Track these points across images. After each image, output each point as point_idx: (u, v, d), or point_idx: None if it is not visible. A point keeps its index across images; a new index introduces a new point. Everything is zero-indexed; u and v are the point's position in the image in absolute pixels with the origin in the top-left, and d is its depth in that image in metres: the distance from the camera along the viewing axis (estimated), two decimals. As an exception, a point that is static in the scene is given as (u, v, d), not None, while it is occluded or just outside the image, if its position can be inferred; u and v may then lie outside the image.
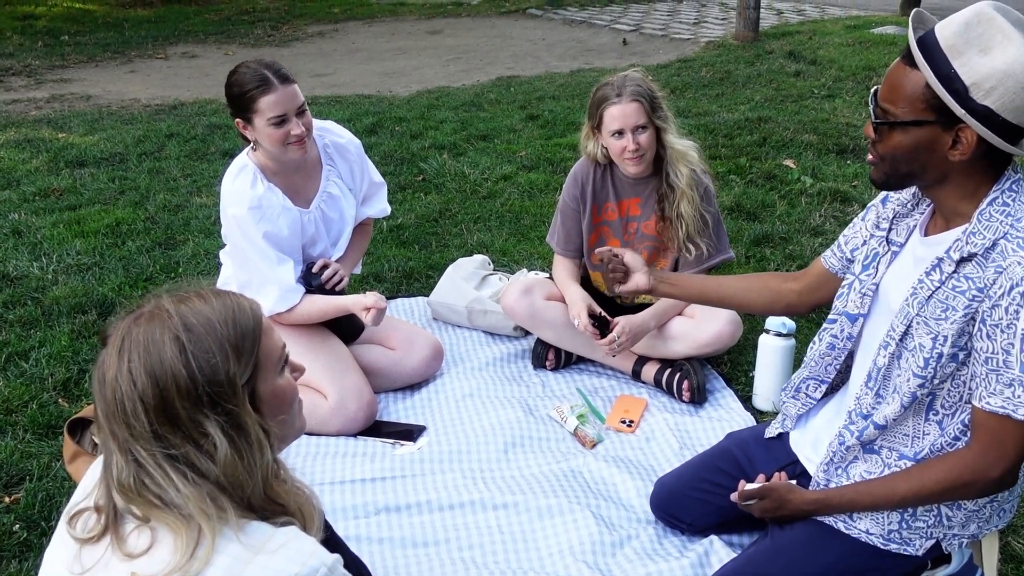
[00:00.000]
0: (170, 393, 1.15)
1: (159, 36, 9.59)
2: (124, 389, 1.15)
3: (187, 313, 1.19)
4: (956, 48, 1.47)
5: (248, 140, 2.58)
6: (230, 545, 1.14)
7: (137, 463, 1.16)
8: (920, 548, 1.72)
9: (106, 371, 1.17)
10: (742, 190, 4.38)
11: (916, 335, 1.63)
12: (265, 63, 2.50)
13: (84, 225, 4.10)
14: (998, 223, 1.53)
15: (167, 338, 1.16)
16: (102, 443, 1.21)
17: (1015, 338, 1.49)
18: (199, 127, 5.71)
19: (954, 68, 1.46)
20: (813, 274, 2.01)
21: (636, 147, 2.66)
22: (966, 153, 1.51)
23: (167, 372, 1.15)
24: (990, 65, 1.45)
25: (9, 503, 2.31)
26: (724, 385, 2.86)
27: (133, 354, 1.16)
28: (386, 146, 5.18)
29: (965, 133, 1.49)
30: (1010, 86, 1.44)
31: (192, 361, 1.16)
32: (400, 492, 2.38)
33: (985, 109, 1.46)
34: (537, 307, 2.87)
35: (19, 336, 3.13)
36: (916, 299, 1.63)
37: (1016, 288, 1.48)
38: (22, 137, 5.54)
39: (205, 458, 1.17)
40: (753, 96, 6.13)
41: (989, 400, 1.54)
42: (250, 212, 2.52)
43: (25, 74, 7.83)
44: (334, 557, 1.18)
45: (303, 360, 2.60)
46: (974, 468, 1.59)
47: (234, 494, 1.19)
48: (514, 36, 9.30)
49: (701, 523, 2.13)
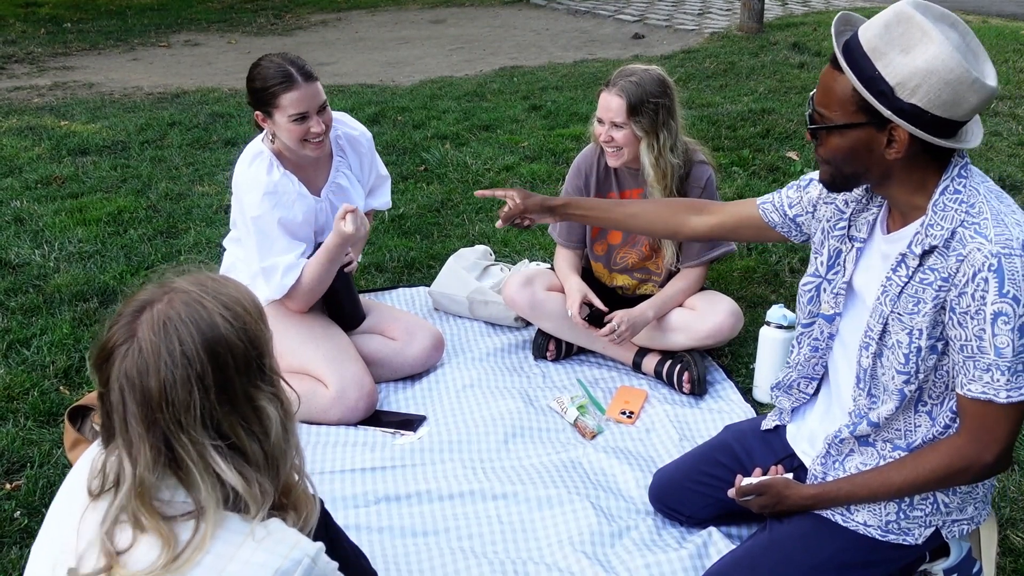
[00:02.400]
0: (228, 366, 1.13)
1: (162, 24, 9.56)
2: (180, 374, 1.10)
3: (215, 291, 1.18)
4: (878, 50, 1.49)
5: (262, 130, 2.57)
6: (215, 544, 1.11)
7: (172, 458, 1.12)
8: (920, 537, 1.73)
9: (147, 360, 1.11)
10: (745, 182, 4.37)
11: (893, 332, 1.64)
12: (289, 58, 2.48)
13: (86, 213, 4.10)
14: (953, 212, 1.55)
15: (215, 313, 1.14)
16: (123, 447, 1.14)
17: (985, 323, 1.50)
18: (201, 116, 5.70)
19: (878, 70, 1.49)
20: (738, 214, 2.02)
21: (609, 139, 2.65)
22: (901, 151, 1.54)
23: (224, 345, 1.13)
24: (912, 64, 1.47)
25: (10, 490, 2.31)
26: (724, 377, 2.86)
27: (184, 334, 1.12)
28: (388, 136, 5.17)
29: (897, 132, 1.52)
30: (934, 83, 1.46)
31: (242, 331, 1.15)
32: (400, 481, 2.39)
33: (912, 107, 1.48)
34: (538, 298, 2.87)
35: (20, 323, 3.14)
36: (888, 296, 1.64)
37: (979, 274, 1.50)
38: (24, 125, 5.54)
39: (253, 441, 1.15)
40: (757, 88, 6.11)
41: (970, 387, 1.56)
42: (266, 197, 2.51)
43: (28, 61, 7.81)
44: (316, 546, 1.17)
45: (304, 349, 2.65)
46: (967, 454, 1.60)
47: (272, 479, 1.18)
48: (517, 26, 9.27)
49: (699, 515, 2.13)
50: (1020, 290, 1.48)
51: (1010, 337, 1.50)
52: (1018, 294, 1.48)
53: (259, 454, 1.16)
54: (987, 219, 1.52)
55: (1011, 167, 4.51)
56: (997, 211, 1.53)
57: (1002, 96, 5.69)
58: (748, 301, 3.24)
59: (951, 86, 1.46)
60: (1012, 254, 1.49)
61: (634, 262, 2.90)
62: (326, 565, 1.18)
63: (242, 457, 1.15)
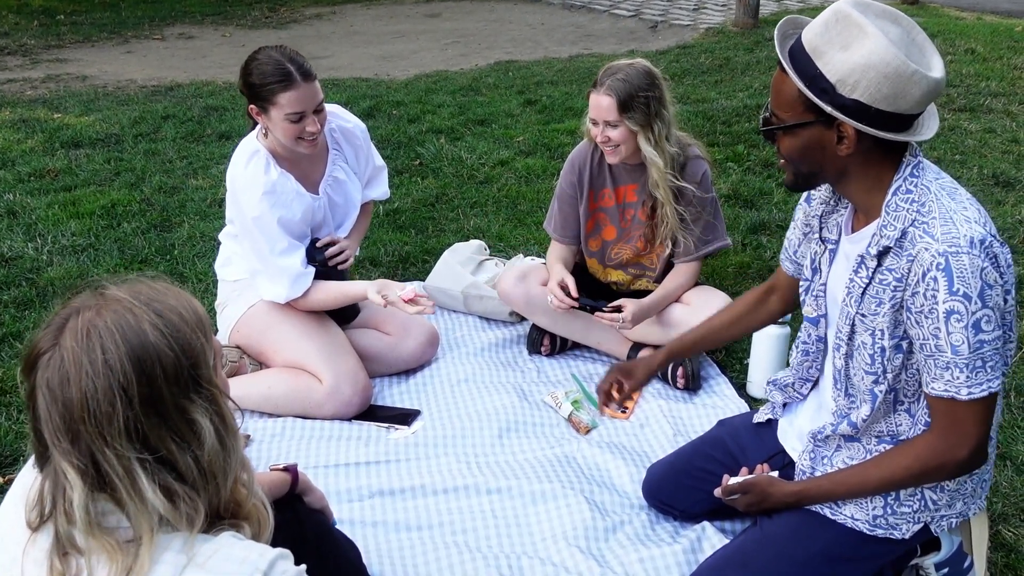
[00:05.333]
0: (156, 378, 1.08)
1: (155, 17, 9.52)
2: (101, 384, 1.05)
3: (149, 298, 1.12)
4: (818, 49, 1.52)
5: (255, 122, 2.56)
6: (161, 567, 1.06)
7: (98, 476, 1.07)
8: (907, 532, 1.74)
9: (68, 370, 1.06)
10: (739, 177, 4.37)
11: (859, 333, 1.66)
12: (288, 55, 2.45)
13: (79, 206, 4.08)
14: (904, 212, 1.57)
15: (144, 321, 1.09)
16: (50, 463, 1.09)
17: (939, 322, 1.52)
18: (195, 109, 5.68)
19: (819, 68, 1.51)
20: (784, 283, 2.07)
21: (606, 139, 2.65)
22: (851, 147, 1.56)
23: (152, 354, 1.08)
24: (851, 60, 1.49)
25: (3, 483, 2.31)
26: (719, 372, 2.86)
27: (108, 343, 1.07)
28: (383, 130, 5.16)
29: (845, 128, 1.54)
30: (872, 77, 1.48)
31: (174, 341, 1.10)
32: (394, 476, 2.39)
33: (855, 103, 1.50)
34: (533, 293, 2.87)
35: (13, 317, 3.13)
36: (852, 297, 1.66)
37: (928, 274, 1.51)
38: (17, 117, 5.51)
39: (186, 455, 1.10)
40: (752, 83, 6.11)
41: (933, 385, 1.57)
42: (265, 197, 2.50)
43: (21, 54, 7.77)
44: (271, 556, 1.10)
45: (299, 344, 2.64)
46: (939, 451, 1.61)
47: (210, 495, 1.12)
48: (513, 20, 9.25)
49: (693, 510, 2.14)
50: (970, 287, 1.49)
51: (964, 335, 1.50)
52: (968, 291, 1.49)
53: (193, 468, 1.10)
54: (935, 218, 1.54)
55: (1004, 164, 4.52)
56: (947, 209, 1.54)
57: (996, 93, 5.71)
58: (742, 297, 3.25)
59: (890, 80, 1.48)
60: (959, 252, 1.49)
61: (628, 258, 2.90)
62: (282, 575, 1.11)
63: (173, 471, 1.10)
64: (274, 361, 2.68)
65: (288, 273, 2.56)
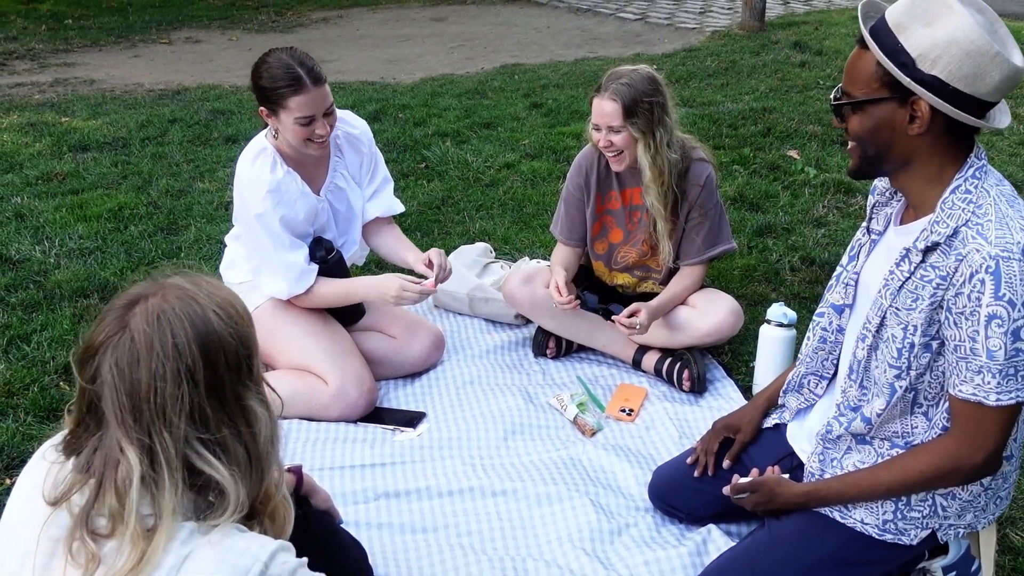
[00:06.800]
0: (220, 364, 1.12)
1: (163, 21, 9.55)
2: (170, 366, 1.09)
3: (209, 288, 1.17)
4: (902, 24, 1.51)
5: (266, 123, 2.57)
6: (168, 557, 1.08)
7: (151, 459, 1.09)
8: (915, 538, 1.73)
9: (139, 351, 1.09)
10: (745, 180, 4.37)
11: (889, 326, 1.65)
12: (298, 58, 2.44)
13: (86, 209, 4.10)
14: (960, 211, 1.55)
15: (209, 310, 1.13)
16: (102, 444, 1.11)
17: (979, 325, 1.51)
18: (202, 112, 5.70)
19: (900, 42, 1.51)
20: None
21: (608, 144, 2.64)
22: (923, 126, 1.54)
23: (216, 342, 1.12)
24: (934, 36, 1.48)
25: (10, 484, 2.32)
26: (724, 375, 2.86)
27: (177, 328, 1.10)
28: (389, 133, 5.17)
29: (919, 105, 1.53)
30: (955, 54, 1.47)
31: (235, 331, 1.14)
32: (400, 478, 2.39)
33: (933, 79, 1.49)
34: (538, 295, 2.87)
35: (21, 319, 3.14)
36: (888, 290, 1.65)
37: (976, 275, 1.50)
38: (25, 121, 5.54)
39: (238, 442, 1.13)
40: (758, 86, 6.10)
41: (961, 388, 1.56)
42: (269, 195, 2.51)
43: (29, 58, 7.80)
44: (273, 547, 1.12)
45: (304, 345, 2.65)
46: (956, 456, 1.60)
47: (252, 484, 1.15)
48: (519, 24, 9.26)
49: (699, 513, 2.13)
50: (1016, 294, 1.48)
51: (1002, 340, 1.50)
52: (1014, 298, 1.48)
53: (243, 456, 1.14)
54: (991, 221, 1.52)
55: (1012, 167, 4.51)
56: (1003, 214, 1.53)
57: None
58: (748, 299, 3.24)
59: (972, 57, 1.47)
60: (1011, 257, 1.48)
61: (634, 260, 2.90)
62: (283, 567, 1.11)
63: (225, 456, 1.13)
64: (279, 363, 2.68)
65: (291, 269, 2.57)
